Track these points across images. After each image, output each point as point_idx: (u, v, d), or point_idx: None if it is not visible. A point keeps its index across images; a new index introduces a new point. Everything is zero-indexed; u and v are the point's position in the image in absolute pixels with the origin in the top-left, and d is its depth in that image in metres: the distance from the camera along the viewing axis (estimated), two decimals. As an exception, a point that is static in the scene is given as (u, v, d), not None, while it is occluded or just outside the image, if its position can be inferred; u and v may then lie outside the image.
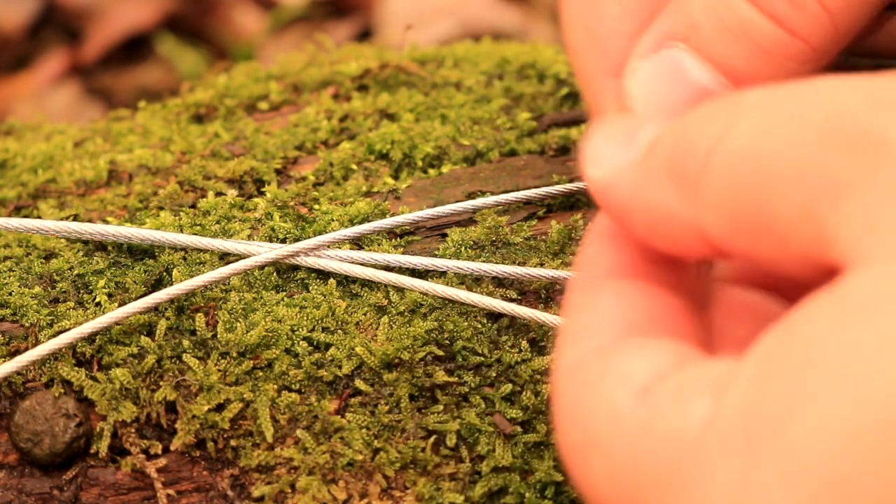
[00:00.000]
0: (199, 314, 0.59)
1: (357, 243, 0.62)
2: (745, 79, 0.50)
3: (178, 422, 0.58)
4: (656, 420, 0.39)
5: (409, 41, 0.77)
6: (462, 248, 0.61)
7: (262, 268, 0.60)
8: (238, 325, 0.59)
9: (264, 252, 0.59)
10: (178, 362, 0.58)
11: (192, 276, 0.59)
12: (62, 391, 0.58)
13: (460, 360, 0.59)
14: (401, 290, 0.60)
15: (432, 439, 0.58)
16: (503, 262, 0.61)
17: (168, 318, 0.59)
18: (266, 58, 1.71)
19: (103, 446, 0.58)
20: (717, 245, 0.42)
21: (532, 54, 0.74)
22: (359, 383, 0.58)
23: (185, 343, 0.59)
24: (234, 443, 0.58)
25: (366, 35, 1.80)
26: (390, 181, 0.65)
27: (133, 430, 0.58)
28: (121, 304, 0.59)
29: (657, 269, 0.46)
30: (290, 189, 0.64)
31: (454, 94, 0.70)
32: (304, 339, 0.59)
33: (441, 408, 0.58)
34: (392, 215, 0.63)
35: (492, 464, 0.58)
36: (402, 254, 0.61)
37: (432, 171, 0.66)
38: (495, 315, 0.60)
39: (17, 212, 0.65)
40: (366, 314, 0.59)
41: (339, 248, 0.61)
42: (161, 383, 0.58)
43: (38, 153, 0.69)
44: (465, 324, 0.59)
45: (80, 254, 0.61)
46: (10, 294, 0.60)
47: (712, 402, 0.38)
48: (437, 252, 0.61)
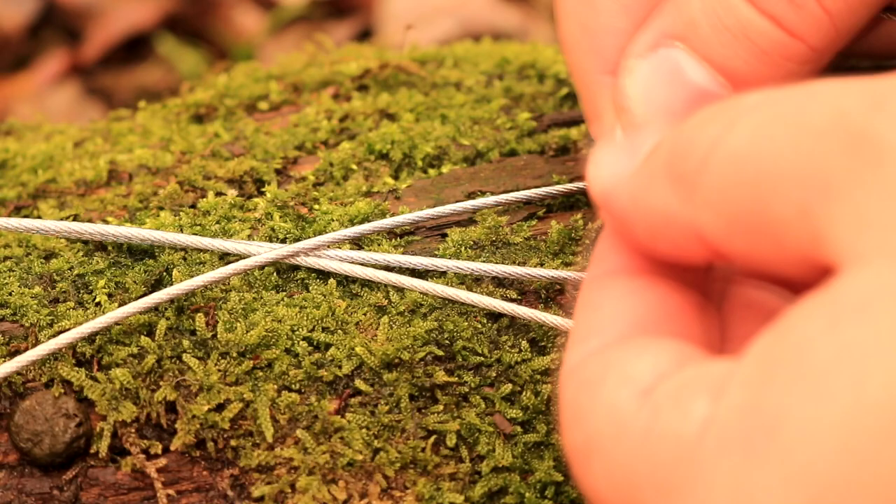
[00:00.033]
0: (199, 314, 0.59)
1: (357, 243, 0.62)
2: (743, 79, 0.49)
3: (178, 422, 0.58)
4: (657, 422, 0.39)
5: (409, 41, 0.77)
6: (462, 248, 0.61)
7: (262, 268, 0.60)
8: (238, 325, 0.59)
9: (264, 252, 0.59)
10: (178, 362, 0.58)
11: (192, 276, 0.59)
12: (62, 391, 0.58)
13: (460, 360, 0.59)
14: (401, 290, 0.60)
15: (432, 439, 0.58)
16: (503, 262, 0.61)
17: (168, 318, 0.59)
18: (266, 58, 1.71)
19: (103, 446, 0.58)
20: (716, 247, 0.42)
21: (532, 54, 0.74)
22: (359, 383, 0.58)
23: (185, 343, 0.59)
24: (234, 443, 0.58)
25: (366, 35, 1.80)
26: (390, 181, 0.65)
27: (133, 430, 0.58)
28: (121, 304, 0.59)
29: (669, 266, 0.46)
30: (290, 189, 0.64)
31: (454, 94, 0.70)
32: (304, 339, 0.59)
33: (441, 408, 0.58)
34: (392, 215, 0.63)
35: (492, 464, 0.58)
36: (402, 254, 0.61)
37: (432, 171, 0.66)
38: (495, 315, 0.60)
39: (17, 212, 0.65)
40: (366, 314, 0.59)
41: (339, 248, 0.61)
42: (161, 383, 0.58)
43: (38, 153, 0.69)
44: (465, 324, 0.59)
45: (80, 254, 0.61)
46: (10, 294, 0.60)
47: (710, 403, 0.38)
48: (437, 252, 0.61)
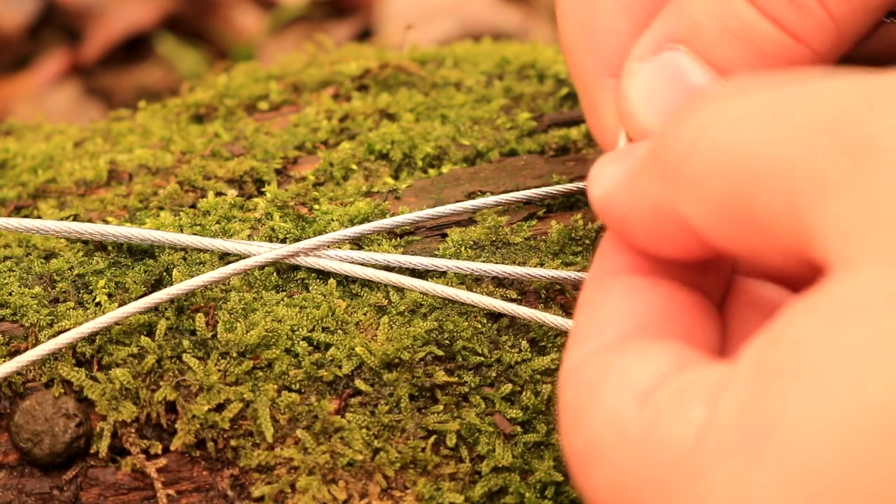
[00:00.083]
0: (199, 314, 0.59)
1: (357, 243, 0.62)
2: None
3: (178, 422, 0.58)
4: (656, 426, 0.39)
5: (409, 41, 0.77)
6: (462, 248, 0.61)
7: (262, 268, 0.60)
8: (238, 325, 0.59)
9: (264, 252, 0.59)
10: (178, 362, 0.58)
11: (192, 276, 0.59)
12: (62, 391, 0.58)
13: (460, 360, 0.59)
14: (401, 290, 0.60)
15: (432, 439, 0.58)
16: (503, 262, 0.61)
17: (168, 318, 0.59)
18: (266, 58, 1.71)
19: (103, 446, 0.58)
20: (706, 240, 0.42)
21: (532, 54, 0.74)
22: (359, 383, 0.58)
23: (185, 343, 0.59)
24: (234, 443, 0.58)
25: (366, 35, 1.80)
26: (390, 181, 0.65)
27: (133, 430, 0.58)
28: (121, 304, 0.59)
29: (670, 266, 0.46)
30: (290, 189, 0.64)
31: (454, 94, 0.70)
32: (304, 339, 0.59)
33: (441, 408, 0.58)
34: (392, 215, 0.63)
35: (492, 464, 0.58)
36: (402, 254, 0.61)
37: (432, 171, 0.66)
38: (495, 315, 0.60)
39: (17, 212, 0.65)
40: (366, 314, 0.59)
41: (339, 248, 0.61)
42: (161, 383, 0.58)
43: (38, 153, 0.69)
44: (465, 324, 0.59)
45: (80, 254, 0.61)
46: (10, 294, 0.60)
47: (708, 407, 0.38)
48: (437, 252, 0.61)
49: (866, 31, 0.50)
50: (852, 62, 0.59)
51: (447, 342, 0.59)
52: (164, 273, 0.60)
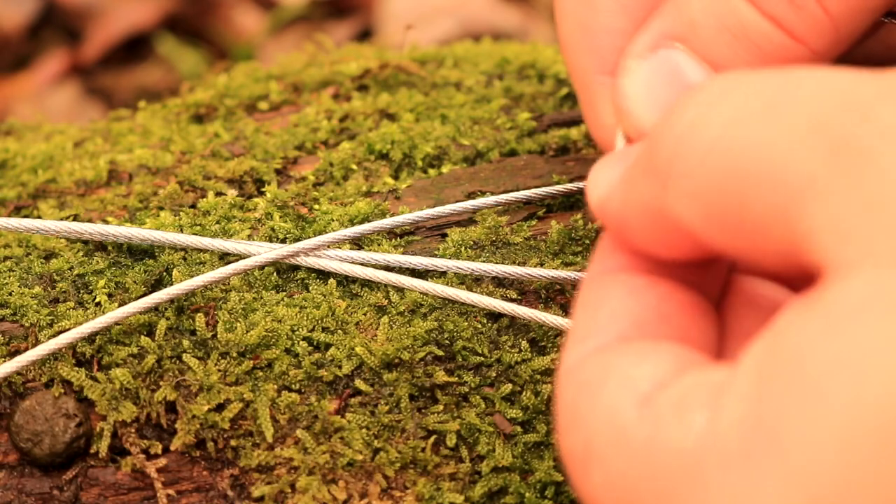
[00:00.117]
0: (199, 314, 0.59)
1: (357, 243, 0.62)
2: None
3: (178, 422, 0.58)
4: (657, 432, 0.39)
5: (409, 41, 0.77)
6: (462, 248, 0.61)
7: (262, 268, 0.60)
8: (238, 325, 0.59)
9: (264, 252, 0.59)
10: (178, 362, 0.58)
11: (192, 276, 0.59)
12: (62, 391, 0.58)
13: (460, 360, 0.59)
14: (401, 290, 0.60)
15: (432, 439, 0.58)
16: (503, 262, 0.61)
17: (168, 318, 0.59)
18: (266, 58, 1.71)
19: (103, 446, 0.58)
20: (703, 243, 0.42)
21: (532, 54, 0.74)
22: (359, 383, 0.58)
23: (185, 343, 0.59)
24: (234, 443, 0.58)
25: (366, 35, 1.80)
26: (390, 181, 0.65)
27: (133, 430, 0.58)
28: (121, 304, 0.59)
29: (669, 265, 0.46)
30: (290, 189, 0.64)
31: (454, 94, 0.70)
32: (304, 339, 0.59)
33: (441, 408, 0.58)
34: (392, 215, 0.63)
35: (492, 464, 0.58)
36: (402, 254, 0.61)
37: (432, 171, 0.66)
38: (495, 315, 0.60)
39: (17, 212, 0.65)
40: (366, 314, 0.59)
41: (339, 248, 0.61)
42: (161, 383, 0.58)
43: (38, 153, 0.69)
44: (465, 324, 0.59)
45: (80, 254, 0.61)
46: (10, 294, 0.60)
47: (709, 413, 0.38)
48: (437, 252, 0.61)
49: (864, 31, 0.49)
50: (851, 63, 0.59)
51: (447, 342, 0.59)
52: (164, 273, 0.60)
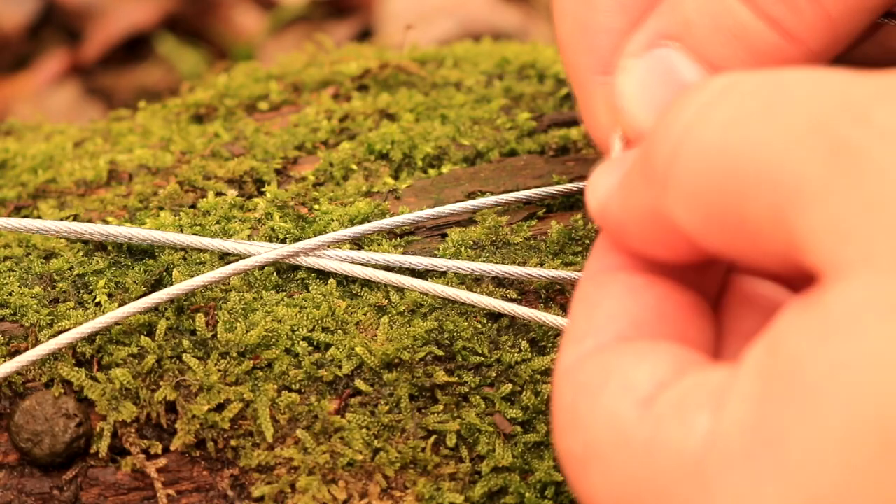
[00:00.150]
0: (199, 314, 0.59)
1: (357, 243, 0.62)
2: None
3: (178, 422, 0.58)
4: (659, 434, 0.39)
5: (409, 41, 0.77)
6: (462, 248, 0.61)
7: (262, 268, 0.60)
8: (238, 325, 0.59)
9: (264, 252, 0.59)
10: (178, 362, 0.58)
11: (192, 276, 0.59)
12: (62, 391, 0.58)
13: (460, 360, 0.59)
14: (401, 290, 0.60)
15: (432, 439, 0.58)
16: (503, 262, 0.61)
17: (168, 318, 0.59)
18: (266, 58, 1.71)
19: (103, 446, 0.58)
20: (701, 244, 0.42)
21: (532, 54, 0.74)
22: (359, 383, 0.58)
23: (185, 343, 0.59)
24: (234, 443, 0.58)
25: (366, 35, 1.80)
26: (390, 181, 0.65)
27: (133, 430, 0.58)
28: (121, 304, 0.59)
29: (666, 265, 0.46)
30: (290, 189, 0.64)
31: (454, 94, 0.70)
32: (304, 339, 0.59)
33: (441, 408, 0.58)
34: (392, 215, 0.63)
35: (492, 464, 0.58)
36: (402, 254, 0.61)
37: (432, 171, 0.66)
38: (495, 315, 0.60)
39: (17, 212, 0.65)
40: (366, 314, 0.59)
41: (339, 248, 0.61)
42: (161, 383, 0.58)
43: (38, 153, 0.69)
44: (465, 324, 0.59)
45: (80, 254, 0.61)
46: (10, 294, 0.60)
47: (712, 417, 0.38)
48: (437, 252, 0.61)
49: (861, 31, 0.49)
50: (849, 65, 0.59)
51: (447, 342, 0.59)
52: (164, 273, 0.60)
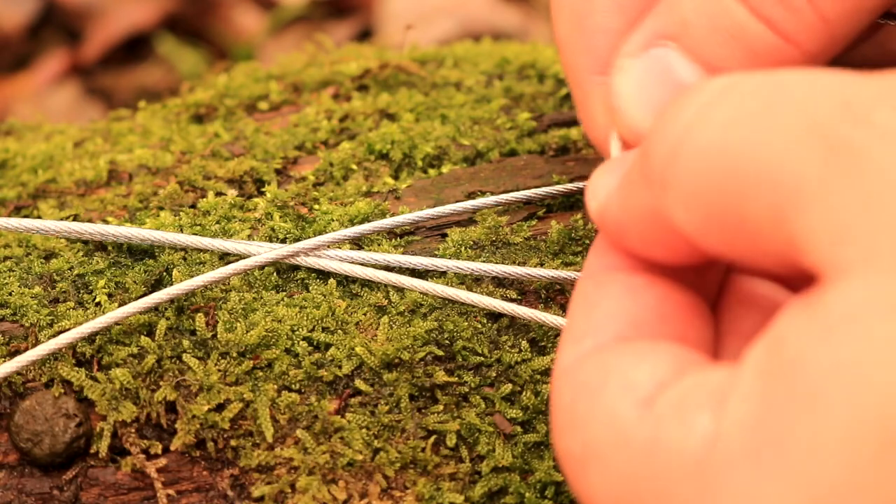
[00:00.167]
0: (199, 314, 0.59)
1: (357, 243, 0.62)
2: None
3: (178, 422, 0.58)
4: (660, 434, 0.39)
5: (409, 41, 0.77)
6: (462, 248, 0.61)
7: (262, 268, 0.60)
8: (238, 325, 0.59)
9: (264, 252, 0.59)
10: (178, 362, 0.58)
11: (192, 276, 0.59)
12: (62, 391, 0.58)
13: (460, 360, 0.59)
14: (401, 290, 0.60)
15: (432, 439, 0.58)
16: (503, 262, 0.61)
17: (168, 318, 0.59)
18: (266, 58, 1.71)
19: (103, 446, 0.58)
20: (700, 246, 0.42)
21: (532, 54, 0.74)
22: (359, 383, 0.58)
23: (185, 343, 0.59)
24: (234, 443, 0.58)
25: (366, 35, 1.80)
26: (390, 181, 0.65)
27: (133, 430, 0.58)
28: (121, 304, 0.59)
29: (664, 265, 0.46)
30: (290, 189, 0.64)
31: (454, 94, 0.70)
32: (304, 339, 0.59)
33: (441, 408, 0.58)
34: (392, 215, 0.63)
35: (492, 464, 0.58)
36: (402, 254, 0.61)
37: (432, 171, 0.66)
38: (495, 315, 0.60)
39: (17, 212, 0.65)
40: (366, 314, 0.59)
41: (339, 248, 0.61)
42: (161, 383, 0.58)
43: (38, 153, 0.69)
44: (465, 324, 0.59)
45: (80, 254, 0.61)
46: (10, 294, 0.60)
47: (713, 417, 0.38)
48: (437, 252, 0.61)
49: (859, 33, 0.49)
50: (848, 66, 0.58)
51: (447, 342, 0.59)
52: (164, 273, 0.60)
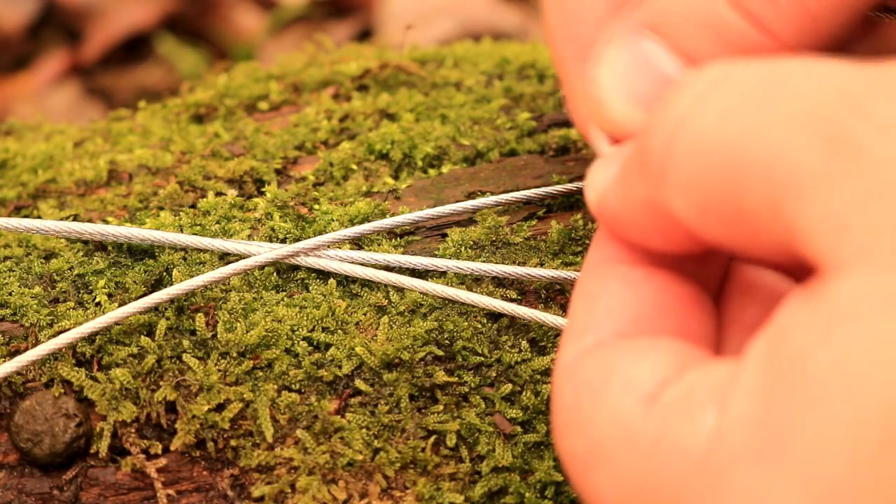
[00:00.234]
0: (199, 314, 0.59)
1: (357, 243, 0.62)
2: None
3: (178, 422, 0.58)
4: (665, 432, 0.39)
5: (409, 41, 0.77)
6: (462, 248, 0.61)
7: (262, 268, 0.60)
8: (238, 325, 0.59)
9: (264, 252, 0.59)
10: (178, 362, 0.58)
11: (192, 276, 0.59)
12: (62, 391, 0.58)
13: (460, 360, 0.59)
14: (401, 290, 0.60)
15: (432, 439, 0.58)
16: (503, 262, 0.61)
17: (168, 318, 0.59)
18: (266, 58, 1.71)
19: (103, 446, 0.58)
20: (699, 235, 0.42)
21: (532, 54, 0.74)
22: (359, 383, 0.58)
23: (185, 343, 0.59)
24: (234, 443, 0.58)
25: (366, 35, 1.80)
26: (390, 181, 0.65)
27: (133, 430, 0.58)
28: (121, 304, 0.59)
29: (666, 256, 0.46)
30: (290, 189, 0.64)
31: (454, 94, 0.70)
32: (304, 339, 0.59)
33: (441, 408, 0.58)
34: (392, 215, 0.63)
35: (492, 464, 0.58)
36: (402, 254, 0.61)
37: (432, 171, 0.66)
38: (495, 315, 0.60)
39: (17, 212, 0.65)
40: (366, 314, 0.59)
41: (339, 248, 0.61)
42: (161, 383, 0.58)
43: (38, 153, 0.69)
44: (465, 324, 0.59)
45: (80, 254, 0.61)
46: (10, 294, 0.60)
47: (717, 413, 0.38)
48: (437, 252, 0.61)
49: (847, 28, 0.48)
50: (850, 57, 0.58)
51: (447, 342, 0.59)
52: (164, 273, 0.60)
